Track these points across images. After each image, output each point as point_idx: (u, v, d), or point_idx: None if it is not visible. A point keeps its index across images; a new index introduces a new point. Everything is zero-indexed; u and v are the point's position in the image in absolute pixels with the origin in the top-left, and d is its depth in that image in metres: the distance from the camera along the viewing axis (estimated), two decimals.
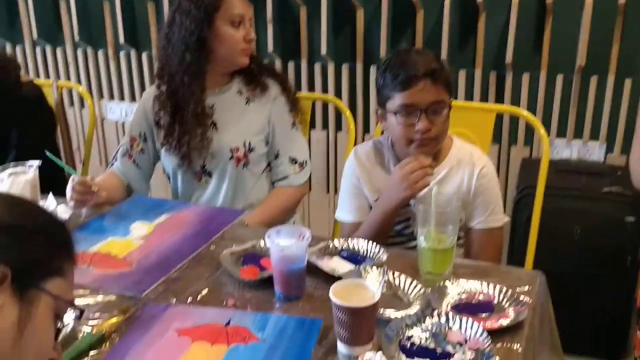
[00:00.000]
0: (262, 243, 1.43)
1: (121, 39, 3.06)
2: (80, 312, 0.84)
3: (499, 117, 2.55)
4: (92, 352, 1.12)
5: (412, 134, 1.51)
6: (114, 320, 1.19)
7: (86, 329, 1.17)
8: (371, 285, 1.12)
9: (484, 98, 2.58)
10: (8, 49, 3.36)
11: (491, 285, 1.26)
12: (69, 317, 0.83)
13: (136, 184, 1.91)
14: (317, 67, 2.83)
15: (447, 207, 1.33)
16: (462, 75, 2.57)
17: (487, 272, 1.34)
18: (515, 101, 2.54)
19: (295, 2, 2.73)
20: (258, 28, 2.82)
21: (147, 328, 1.18)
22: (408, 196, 1.50)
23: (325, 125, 2.87)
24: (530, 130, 2.54)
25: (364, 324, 1.08)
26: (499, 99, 2.57)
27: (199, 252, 1.46)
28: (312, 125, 2.82)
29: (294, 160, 1.88)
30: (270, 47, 2.80)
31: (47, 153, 1.63)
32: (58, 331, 0.81)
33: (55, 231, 0.82)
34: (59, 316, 0.80)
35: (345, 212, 1.69)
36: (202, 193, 1.88)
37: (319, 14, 2.69)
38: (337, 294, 1.08)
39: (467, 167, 1.61)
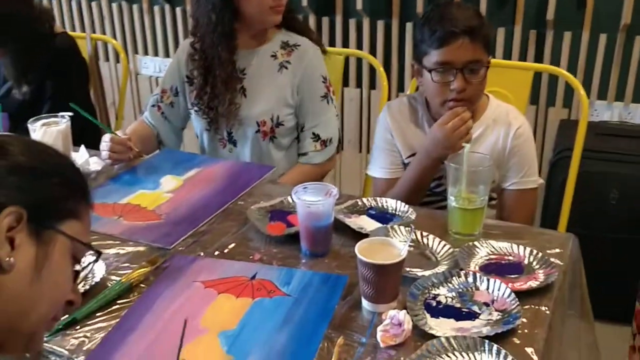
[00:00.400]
0: (289, 199, 1.42)
1: None
2: (98, 254, 0.84)
3: (538, 78, 2.47)
4: (120, 301, 1.14)
5: (446, 93, 1.47)
6: (142, 270, 1.21)
7: (115, 278, 1.19)
8: (397, 244, 1.11)
9: (523, 57, 2.51)
10: (44, 1, 3.38)
11: (521, 247, 1.23)
12: (88, 260, 0.83)
13: (164, 136, 1.89)
14: (352, 23, 2.77)
15: (479, 166, 1.30)
16: (500, 33, 2.49)
17: (518, 234, 1.32)
18: (555, 61, 2.45)
19: None
20: None
21: (174, 279, 1.19)
22: (446, 155, 1.48)
23: (359, 84, 2.83)
24: (569, 92, 2.46)
25: (388, 281, 1.07)
26: (538, 58, 2.49)
27: (228, 207, 1.46)
28: (346, 83, 2.78)
29: (316, 137, 1.80)
30: (304, 1, 2.76)
31: (72, 105, 1.63)
32: (77, 274, 0.82)
33: (71, 175, 0.82)
34: (76, 258, 0.80)
35: (377, 169, 1.67)
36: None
37: None
38: (362, 251, 1.08)
39: (503, 126, 1.57)
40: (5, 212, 0.70)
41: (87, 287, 1.16)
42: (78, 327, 1.08)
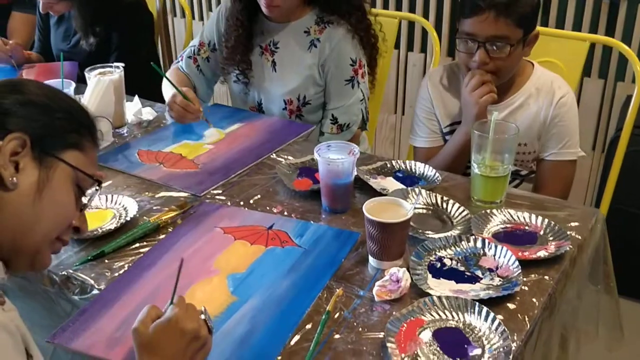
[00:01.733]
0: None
1: None
2: (99, 184, 0.91)
3: (607, 51, 2.37)
4: (146, 240, 1.23)
5: (471, 62, 1.48)
6: (170, 213, 1.29)
7: (146, 219, 1.28)
8: (405, 204, 1.13)
9: (594, 29, 2.40)
10: None
11: (540, 218, 1.22)
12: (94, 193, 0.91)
13: (197, 87, 1.90)
14: None
15: (504, 134, 1.29)
16: (571, 2, 2.39)
17: (542, 205, 1.30)
18: (627, 36, 2.33)
19: None
20: None
21: (197, 223, 1.26)
22: (477, 113, 1.48)
23: (410, 47, 2.81)
24: None
25: (393, 239, 1.09)
26: (610, 31, 2.37)
27: (261, 161, 1.52)
28: (396, 45, 2.78)
29: (334, 120, 1.76)
30: None
31: (153, 65, 1.68)
32: (84, 206, 0.90)
33: (77, 113, 0.89)
34: (80, 188, 0.87)
35: (418, 138, 1.68)
36: None
37: None
38: (370, 209, 1.10)
39: (547, 95, 1.54)
40: (10, 137, 0.79)
41: (119, 224, 1.25)
42: (106, 260, 1.18)
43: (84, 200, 0.90)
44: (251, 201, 1.35)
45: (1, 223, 0.79)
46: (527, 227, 1.22)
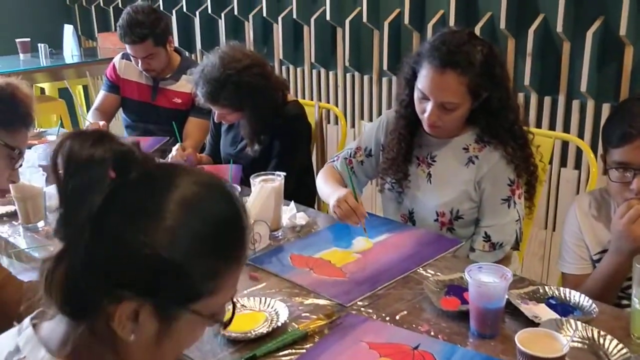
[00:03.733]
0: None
1: (385, 66, 3.28)
2: (223, 325, 0.84)
3: None
4: (295, 347, 1.27)
5: (626, 193, 1.41)
6: (318, 322, 1.33)
7: (295, 325, 1.33)
8: (561, 338, 1.08)
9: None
10: (291, 70, 3.83)
11: None
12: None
13: (348, 187, 1.92)
14: (575, 104, 2.70)
15: None
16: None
17: None
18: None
19: (559, 36, 2.65)
20: (517, 61, 2.81)
21: (343, 335, 1.29)
22: (636, 248, 1.39)
23: (564, 162, 2.76)
24: None
25: None
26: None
27: (408, 274, 1.53)
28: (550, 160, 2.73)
29: (487, 238, 1.75)
30: (527, 80, 2.76)
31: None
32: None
33: (214, 258, 0.78)
34: (213, 316, 0.81)
35: (567, 264, 1.62)
36: None
37: (583, 50, 2.57)
38: (523, 340, 1.07)
39: None
40: (129, 303, 0.74)
41: (270, 329, 1.31)
42: None
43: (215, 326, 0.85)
44: (397, 317, 1.36)
45: None
46: None
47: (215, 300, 0.80)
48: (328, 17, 3.46)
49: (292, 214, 1.84)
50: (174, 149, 2.32)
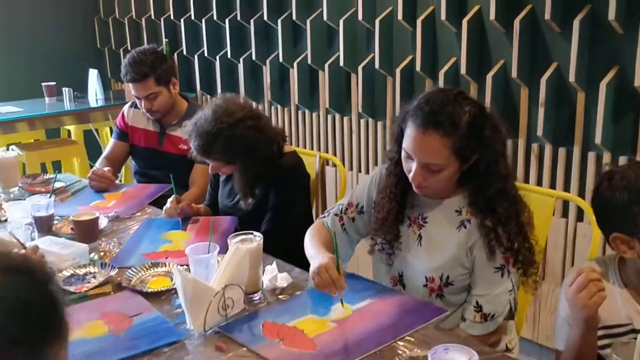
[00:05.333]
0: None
1: (397, 112, 3.22)
2: None
3: None
4: None
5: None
6: None
7: None
8: None
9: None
10: (307, 114, 3.80)
11: None
12: None
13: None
14: (591, 156, 2.58)
15: None
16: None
17: None
18: None
19: (572, 85, 2.55)
20: (530, 110, 2.72)
21: None
22: (587, 316, 1.33)
23: (580, 216, 2.64)
24: None
25: None
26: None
27: (382, 348, 1.44)
28: (564, 213, 2.62)
29: (479, 308, 1.65)
30: (540, 131, 2.66)
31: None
32: None
33: (39, 322, 0.78)
34: None
35: (560, 340, 1.50)
36: None
37: (597, 100, 2.46)
38: None
39: None
40: None
41: None
42: None
43: None
44: None
45: None
46: None
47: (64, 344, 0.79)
48: (342, 63, 3.44)
49: (272, 275, 1.77)
50: (169, 200, 2.29)
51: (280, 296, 1.73)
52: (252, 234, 1.74)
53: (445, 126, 1.55)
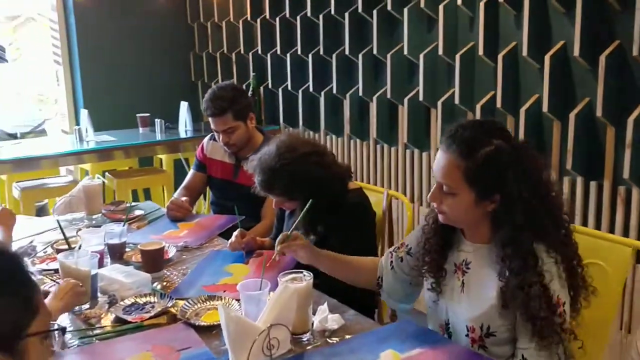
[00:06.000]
0: None
1: None
2: (62, 330, 1.08)
3: None
4: None
5: None
6: None
7: None
8: None
9: None
10: (385, 150, 3.76)
11: None
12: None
13: (386, 283, 1.87)
14: (621, 190, 2.42)
15: None
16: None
17: None
18: None
19: (601, 121, 2.44)
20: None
21: None
22: None
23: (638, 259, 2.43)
24: None
25: None
26: None
27: None
28: None
29: None
30: (568, 164, 2.63)
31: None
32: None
33: (21, 289, 1.01)
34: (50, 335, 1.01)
35: None
36: None
37: (624, 134, 2.39)
38: None
39: None
40: None
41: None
42: None
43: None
44: None
45: None
46: None
47: (41, 318, 1.00)
48: (421, 98, 3.39)
49: (323, 316, 1.74)
50: (234, 234, 2.32)
51: (329, 339, 1.69)
52: (302, 272, 1.72)
53: (461, 149, 1.53)
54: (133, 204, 3.12)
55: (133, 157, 4.69)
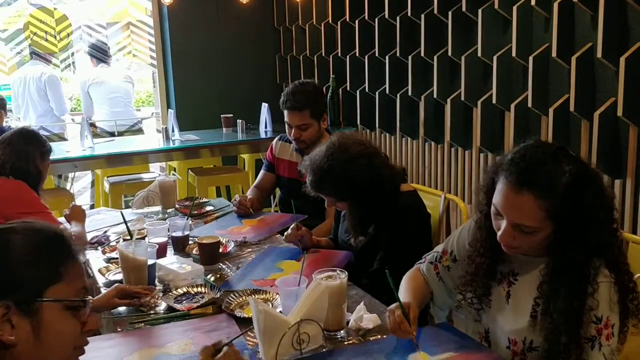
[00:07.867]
0: None
1: None
2: (85, 303, 1.05)
3: None
4: None
5: None
6: None
7: None
8: None
9: None
10: (459, 152, 3.71)
11: None
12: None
13: (436, 295, 1.82)
14: None
15: None
16: None
17: None
18: None
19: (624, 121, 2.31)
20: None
21: None
22: None
23: None
24: None
25: None
26: None
27: None
28: None
29: None
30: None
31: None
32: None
33: (46, 250, 1.04)
34: (74, 308, 1.02)
35: None
36: None
37: None
38: None
39: None
40: None
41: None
42: None
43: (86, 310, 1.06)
44: None
45: None
46: None
47: (62, 287, 1.02)
48: (494, 100, 3.32)
49: (359, 315, 1.76)
50: (290, 227, 2.38)
51: (362, 337, 1.71)
52: (336, 271, 1.75)
53: (541, 187, 1.42)
54: (204, 200, 3.26)
55: (217, 155, 4.88)
